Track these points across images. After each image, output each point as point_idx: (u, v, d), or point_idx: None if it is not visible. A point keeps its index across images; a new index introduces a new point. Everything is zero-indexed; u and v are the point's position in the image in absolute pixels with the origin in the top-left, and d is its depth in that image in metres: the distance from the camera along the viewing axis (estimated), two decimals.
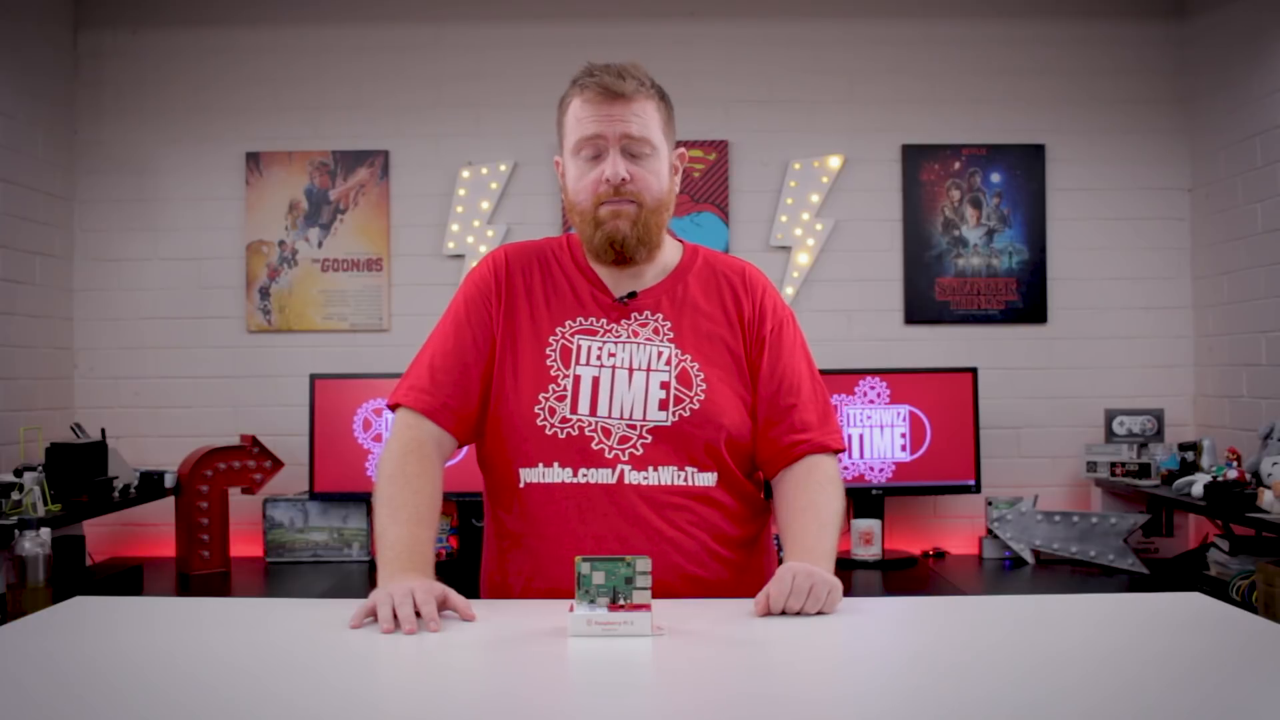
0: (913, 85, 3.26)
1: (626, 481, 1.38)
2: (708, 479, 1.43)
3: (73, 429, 2.97)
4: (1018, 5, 3.26)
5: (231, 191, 3.24)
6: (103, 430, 2.88)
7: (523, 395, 1.43)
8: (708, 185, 3.22)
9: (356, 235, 3.24)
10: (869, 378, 3.05)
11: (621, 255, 1.45)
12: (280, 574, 2.89)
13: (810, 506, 1.42)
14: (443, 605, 1.23)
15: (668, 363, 1.43)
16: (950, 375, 3.07)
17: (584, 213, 1.45)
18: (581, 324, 1.46)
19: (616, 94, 1.40)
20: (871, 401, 3.04)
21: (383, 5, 3.27)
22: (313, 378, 3.03)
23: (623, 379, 1.42)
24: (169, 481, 2.92)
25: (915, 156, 3.24)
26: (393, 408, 1.47)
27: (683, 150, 1.55)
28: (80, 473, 2.67)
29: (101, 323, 3.22)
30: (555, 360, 1.44)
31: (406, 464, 1.40)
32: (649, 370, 1.43)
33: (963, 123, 3.25)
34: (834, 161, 3.23)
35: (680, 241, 1.58)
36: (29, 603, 2.26)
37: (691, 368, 1.44)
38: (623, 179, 1.40)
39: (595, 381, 1.42)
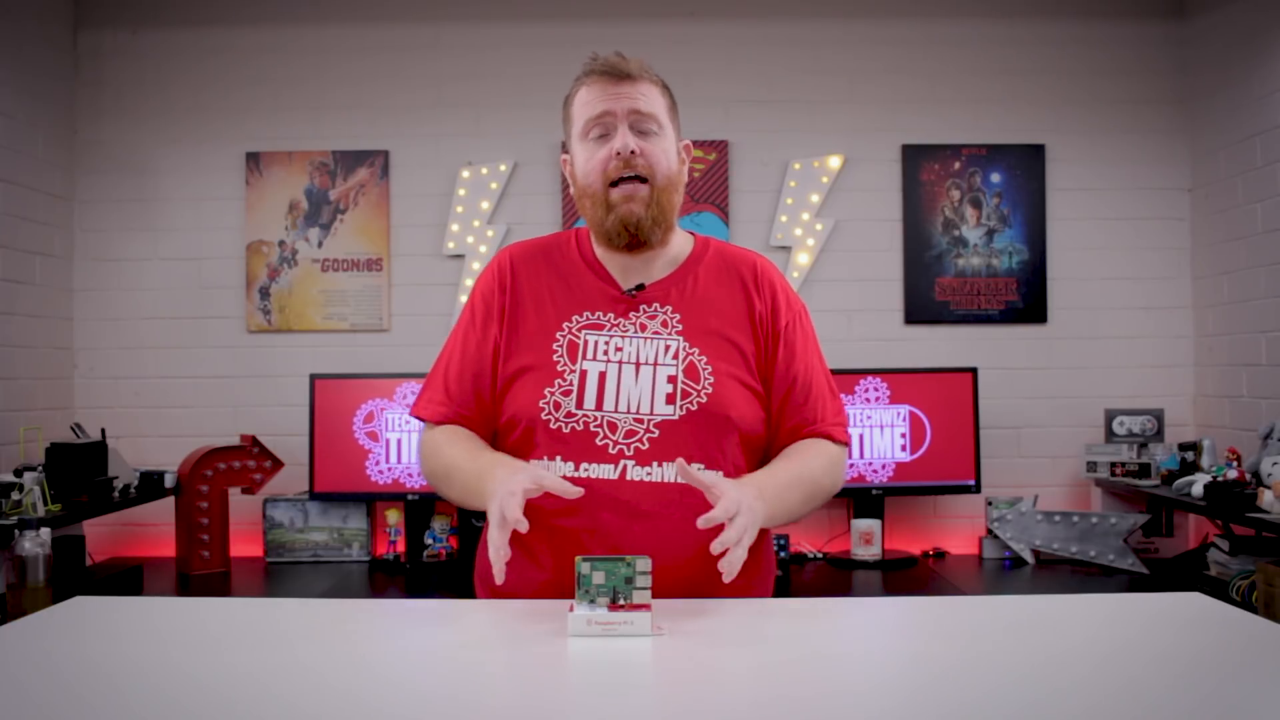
0: (912, 85, 3.26)
1: (629, 477, 1.37)
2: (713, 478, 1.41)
3: (73, 429, 2.97)
4: (1018, 5, 3.26)
5: (231, 191, 3.25)
6: (103, 430, 2.88)
7: (528, 390, 1.42)
8: (708, 185, 3.22)
9: (356, 235, 3.24)
10: (869, 378, 3.05)
11: (636, 239, 1.44)
12: (280, 574, 2.89)
13: (797, 455, 1.46)
14: (534, 488, 1.25)
15: (675, 356, 1.42)
16: (950, 375, 3.07)
17: (595, 195, 1.44)
18: (589, 318, 1.45)
19: (622, 74, 1.43)
20: (871, 401, 3.04)
21: (383, 5, 3.27)
22: (313, 378, 3.03)
23: (629, 374, 1.41)
24: (169, 481, 2.92)
25: (915, 156, 3.24)
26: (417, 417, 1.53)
27: (688, 143, 1.54)
28: (80, 473, 2.67)
29: (101, 323, 3.22)
30: (562, 355, 1.43)
31: (440, 437, 1.47)
32: (656, 364, 1.42)
33: (962, 123, 3.25)
34: (834, 161, 3.23)
35: (691, 234, 1.57)
36: (29, 603, 2.26)
37: (699, 361, 1.42)
38: (632, 150, 1.41)
39: (602, 377, 1.41)
